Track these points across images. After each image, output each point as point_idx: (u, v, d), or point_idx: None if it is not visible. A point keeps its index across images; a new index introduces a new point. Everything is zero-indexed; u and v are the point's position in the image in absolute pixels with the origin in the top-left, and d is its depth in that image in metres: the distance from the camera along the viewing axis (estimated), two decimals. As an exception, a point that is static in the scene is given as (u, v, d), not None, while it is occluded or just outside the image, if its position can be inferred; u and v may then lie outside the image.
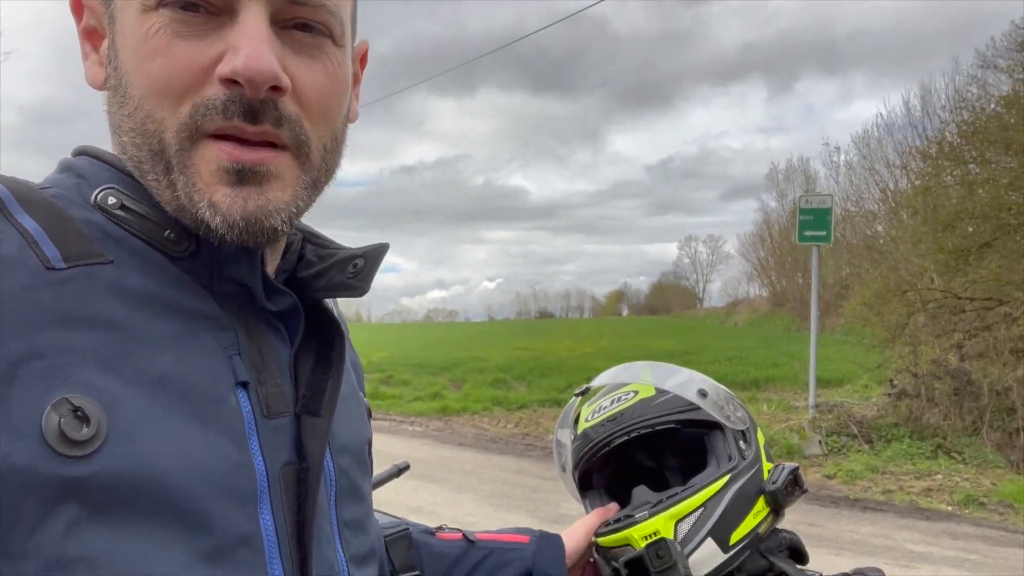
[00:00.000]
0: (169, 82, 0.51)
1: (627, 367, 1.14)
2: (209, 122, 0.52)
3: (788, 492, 1.03)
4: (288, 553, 0.54)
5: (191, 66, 0.51)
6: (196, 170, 0.52)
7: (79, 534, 0.44)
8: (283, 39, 0.54)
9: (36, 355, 0.45)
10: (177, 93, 0.51)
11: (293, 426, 0.58)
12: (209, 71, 0.51)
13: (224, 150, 0.52)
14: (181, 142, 0.52)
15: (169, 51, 0.51)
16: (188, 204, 0.53)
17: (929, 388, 7.90)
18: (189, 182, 0.52)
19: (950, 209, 8.51)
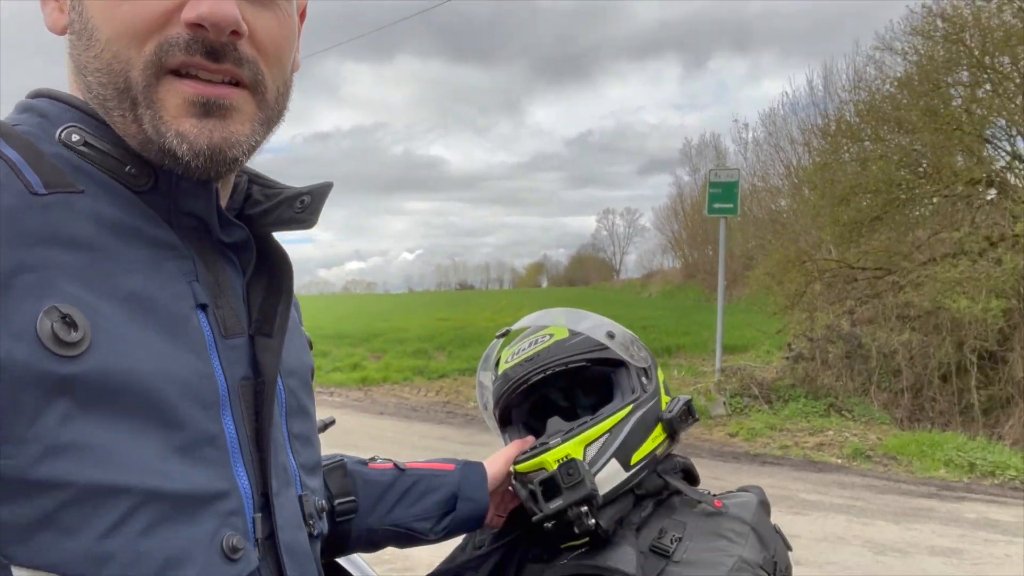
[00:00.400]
0: (135, 24, 0.56)
1: (544, 313, 1.25)
2: (172, 58, 0.56)
3: (682, 420, 1.16)
4: (248, 454, 0.61)
5: (156, 9, 0.56)
6: (162, 104, 0.57)
7: (71, 425, 0.49)
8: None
9: (27, 269, 0.49)
10: (143, 34, 0.56)
11: (248, 346, 0.64)
12: (173, 15, 0.56)
13: (190, 85, 0.57)
14: (147, 79, 0.56)
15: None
16: (155, 135, 0.57)
17: (823, 352, 8.47)
18: (156, 115, 0.57)
19: (846, 184, 9.04)
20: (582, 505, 1.02)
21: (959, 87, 8.80)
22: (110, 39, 0.57)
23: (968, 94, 8.69)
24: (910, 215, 9.06)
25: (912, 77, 8.93)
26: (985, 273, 7.22)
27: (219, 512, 0.57)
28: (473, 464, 1.11)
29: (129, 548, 0.51)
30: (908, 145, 8.88)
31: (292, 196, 0.70)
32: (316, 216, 0.69)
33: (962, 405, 7.75)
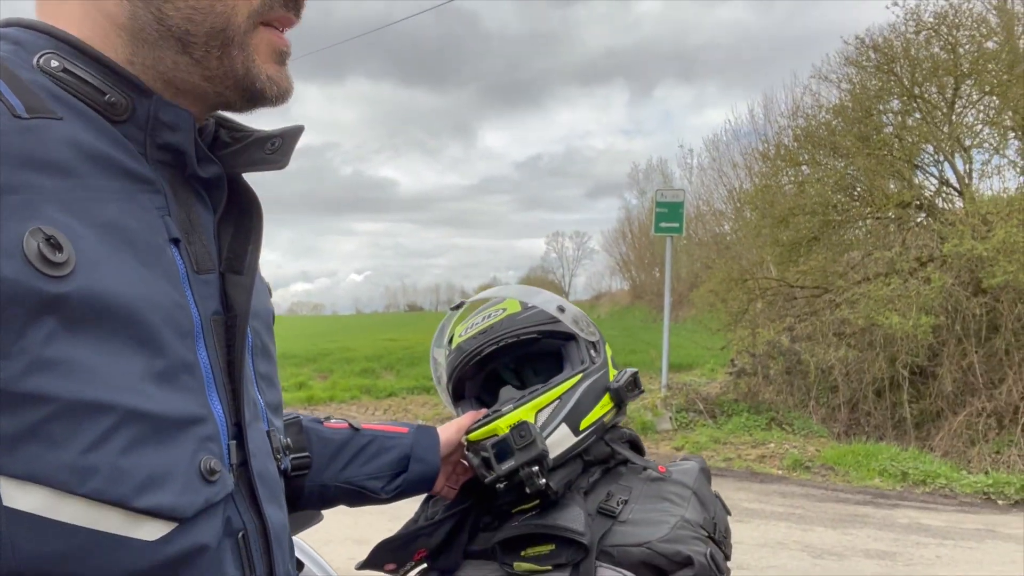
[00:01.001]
0: None
1: (497, 289, 1.30)
2: (273, 12, 0.65)
3: (629, 390, 1.22)
4: (222, 385, 0.63)
5: None
6: (256, 48, 0.64)
7: (56, 342, 0.50)
8: None
9: (11, 189, 0.50)
10: None
11: (219, 283, 0.66)
12: None
13: (277, 36, 0.66)
14: (248, 26, 0.63)
15: None
16: (244, 74, 0.64)
17: (765, 367, 8.70)
18: (249, 57, 0.64)
19: (785, 206, 9.37)
20: (533, 465, 1.06)
21: (890, 115, 9.25)
22: None
23: (899, 122, 9.13)
24: (845, 236, 9.42)
25: (846, 105, 9.34)
26: (915, 291, 7.55)
27: (197, 436, 0.58)
28: (426, 428, 1.14)
29: (112, 463, 0.52)
30: (843, 169, 9.26)
31: (263, 138, 0.71)
32: (287, 158, 0.71)
33: (895, 419, 8.05)
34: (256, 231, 0.70)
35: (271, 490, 0.69)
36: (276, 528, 0.68)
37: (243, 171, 0.71)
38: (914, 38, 8.77)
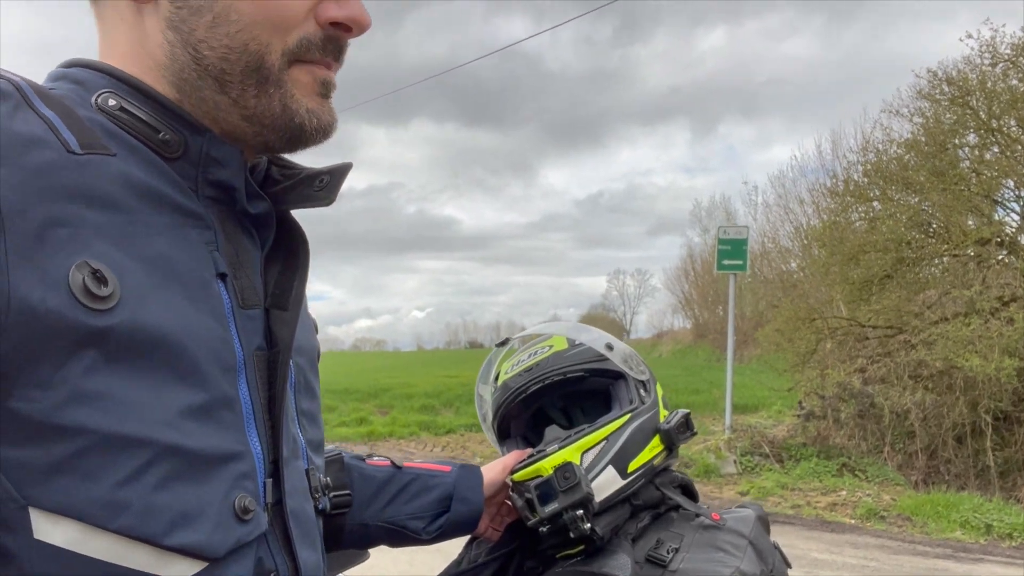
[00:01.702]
0: (284, 16, 0.62)
1: (545, 325, 1.28)
2: (308, 53, 0.64)
3: (680, 432, 1.17)
4: (261, 421, 0.62)
5: (301, 7, 0.63)
6: (295, 82, 0.64)
7: (96, 375, 0.50)
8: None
9: (61, 223, 0.51)
10: (288, 26, 0.63)
11: (263, 318, 0.66)
12: (310, 12, 0.63)
13: (320, 70, 0.66)
14: (283, 64, 0.63)
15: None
16: (282, 111, 0.64)
17: (835, 410, 8.35)
18: (287, 93, 0.64)
19: (855, 243, 9.07)
20: (578, 509, 1.02)
21: (966, 149, 8.91)
22: (254, 23, 0.62)
23: (976, 156, 8.79)
24: (920, 274, 9.05)
25: (919, 139, 9.05)
26: (997, 332, 7.17)
27: (232, 473, 0.58)
28: (470, 467, 1.11)
29: (144, 499, 0.52)
30: (916, 205, 8.94)
31: (312, 175, 0.72)
32: (334, 194, 0.72)
33: (978, 467, 7.59)
34: (303, 268, 0.71)
35: (306, 531, 0.67)
36: (308, 570, 0.66)
37: (292, 208, 0.72)
38: (990, 70, 8.47)
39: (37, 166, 0.51)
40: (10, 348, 0.48)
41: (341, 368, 26.98)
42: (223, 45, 0.62)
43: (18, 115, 0.53)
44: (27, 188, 0.50)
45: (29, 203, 0.50)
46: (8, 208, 0.49)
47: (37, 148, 0.52)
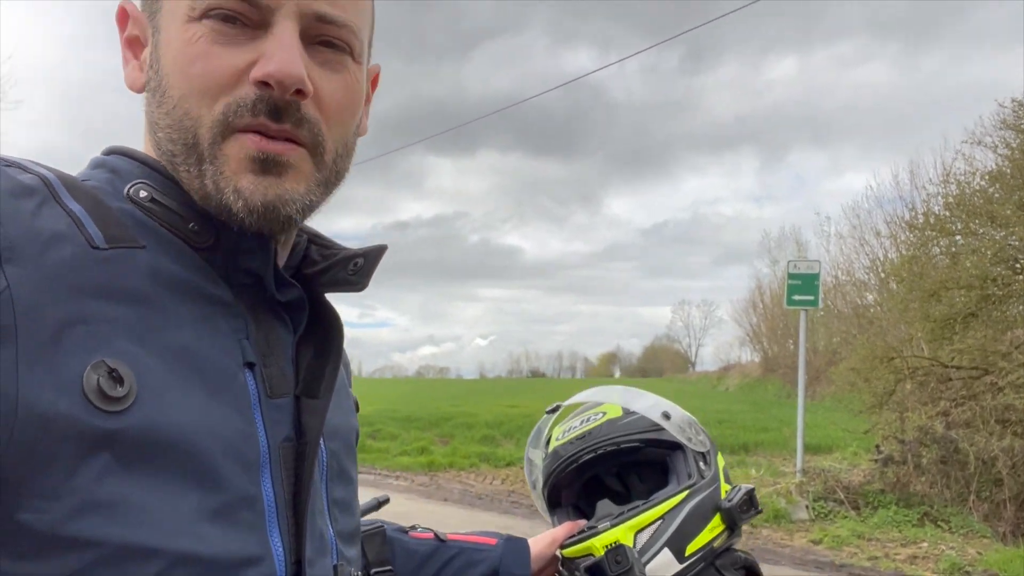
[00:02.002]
0: (207, 83, 0.58)
1: (598, 390, 1.21)
2: (239, 118, 0.58)
3: (743, 510, 1.08)
4: (284, 519, 0.59)
5: (227, 69, 0.58)
6: (225, 159, 0.59)
7: (109, 481, 0.49)
8: (310, 53, 0.61)
9: (80, 321, 0.50)
10: (213, 93, 0.58)
11: (293, 407, 0.64)
12: (242, 75, 0.58)
13: (251, 140, 0.58)
14: (214, 136, 0.58)
15: (208, 56, 0.58)
16: (214, 191, 0.59)
17: (916, 455, 7.91)
18: (218, 171, 0.58)
19: (936, 279, 8.66)
20: None
21: (1056, 181, 8.42)
22: (183, 97, 0.59)
23: (1066, 188, 8.30)
24: (1008, 312, 8.54)
25: (1004, 171, 8.61)
26: (1096, 376, 6.68)
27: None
28: (516, 540, 1.06)
29: None
30: (1002, 240, 8.47)
31: (346, 257, 0.69)
32: (367, 279, 0.69)
33: (1076, 522, 7.04)
34: (335, 353, 0.68)
35: None
36: None
37: (325, 291, 0.70)
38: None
39: (57, 264, 0.51)
40: (18, 457, 0.47)
41: (404, 395, 27.24)
42: (166, 124, 0.61)
43: (43, 211, 0.53)
44: (45, 287, 0.50)
45: (46, 303, 0.49)
46: (22, 310, 0.48)
47: (59, 245, 0.52)
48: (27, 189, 0.53)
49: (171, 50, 0.60)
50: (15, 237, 0.50)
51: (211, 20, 0.58)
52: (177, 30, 0.59)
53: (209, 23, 0.58)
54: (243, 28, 0.59)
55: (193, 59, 0.58)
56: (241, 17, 0.59)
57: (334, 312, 0.70)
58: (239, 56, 0.58)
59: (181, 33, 0.59)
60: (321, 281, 0.69)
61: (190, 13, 0.59)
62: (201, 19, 0.58)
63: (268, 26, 0.59)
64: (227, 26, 0.58)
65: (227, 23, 0.58)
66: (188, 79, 0.59)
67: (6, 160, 0.55)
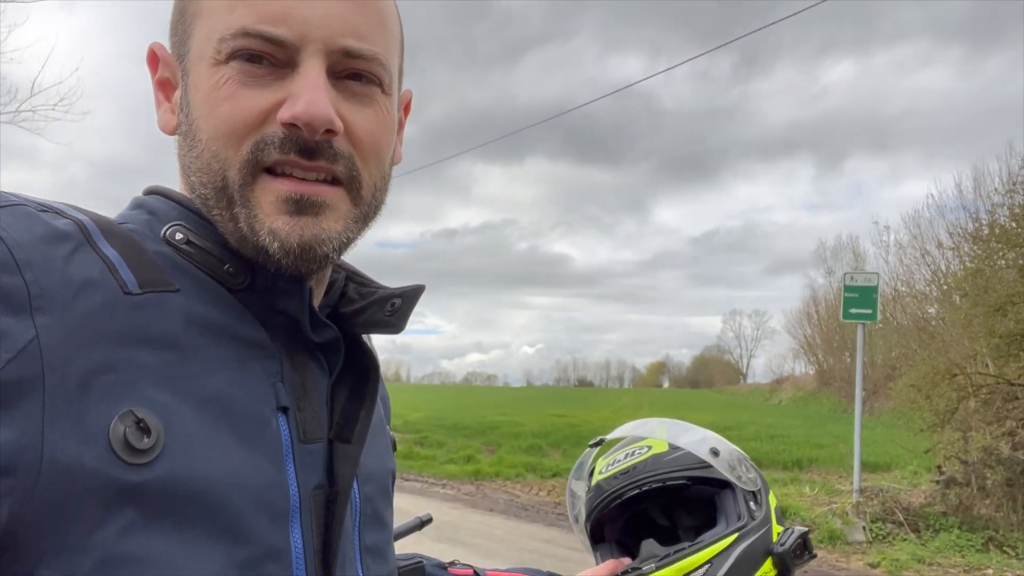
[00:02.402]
0: (234, 124, 0.58)
1: (643, 423, 1.17)
2: (267, 156, 0.58)
3: (796, 555, 1.03)
4: (313, 570, 0.58)
5: (254, 109, 0.58)
6: (257, 202, 0.58)
7: (133, 536, 0.48)
8: (338, 88, 0.60)
9: (109, 369, 0.50)
10: (240, 134, 0.58)
11: (326, 452, 0.62)
12: (270, 114, 0.58)
13: (284, 183, 0.58)
14: (243, 177, 0.58)
15: (235, 97, 0.58)
16: (249, 233, 0.58)
17: (980, 477, 7.56)
18: (251, 214, 0.58)
19: (1002, 293, 8.28)
20: None
21: None
22: (210, 139, 0.59)
23: None
24: (1081, 329, 8.11)
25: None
26: None
27: None
28: None
29: None
30: (1075, 252, 8.07)
31: (384, 297, 0.68)
32: (404, 321, 0.68)
33: None
34: (371, 396, 0.67)
35: None
36: None
37: (361, 332, 0.69)
38: None
39: (88, 311, 0.51)
40: (42, 510, 0.46)
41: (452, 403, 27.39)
42: (197, 168, 0.60)
43: (76, 257, 0.52)
44: (75, 336, 0.49)
45: (75, 352, 0.49)
46: (50, 360, 0.48)
47: (90, 292, 0.51)
48: (62, 235, 0.53)
49: (199, 93, 0.60)
50: (46, 285, 0.50)
51: (237, 62, 0.58)
52: (204, 73, 0.59)
53: (236, 64, 0.58)
54: (270, 68, 0.58)
55: (220, 101, 0.58)
56: (268, 57, 0.58)
57: (371, 354, 0.69)
58: (265, 96, 0.58)
59: (209, 76, 0.59)
60: (358, 322, 0.68)
61: (216, 56, 0.58)
62: (228, 61, 0.58)
63: (295, 65, 0.58)
64: (253, 67, 0.58)
65: (253, 63, 0.58)
66: (215, 121, 0.58)
67: (43, 205, 0.55)
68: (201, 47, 0.60)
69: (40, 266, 0.50)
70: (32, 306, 0.48)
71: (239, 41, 0.57)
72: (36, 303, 0.49)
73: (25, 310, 0.48)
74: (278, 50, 0.58)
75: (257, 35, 0.57)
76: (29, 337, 0.47)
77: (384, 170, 0.66)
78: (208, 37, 0.59)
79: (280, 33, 0.57)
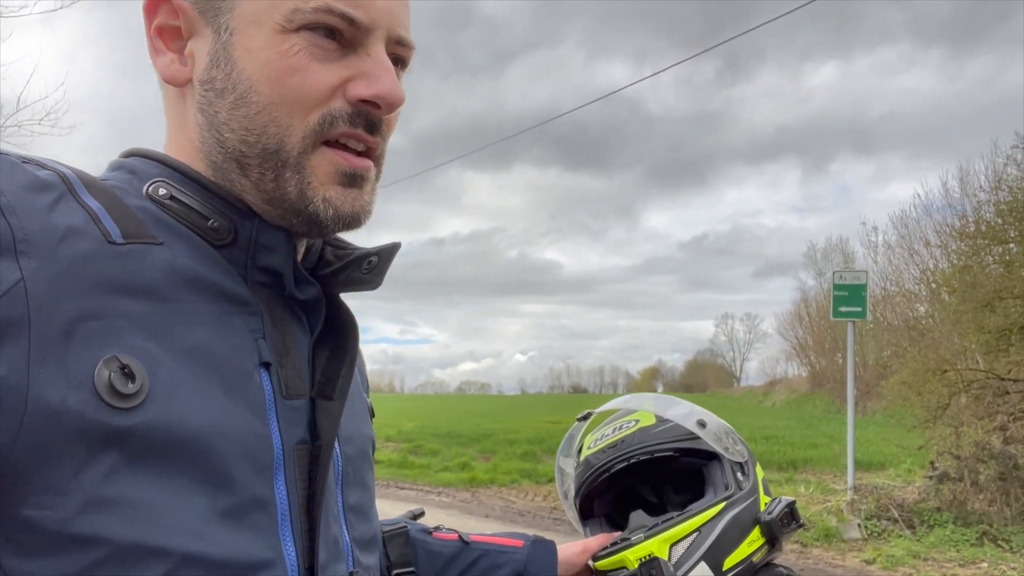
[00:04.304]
0: (303, 96, 0.60)
1: (631, 397, 1.18)
2: (335, 129, 0.61)
3: (783, 524, 1.04)
4: (298, 522, 0.58)
5: (325, 84, 0.60)
6: (313, 171, 0.61)
7: (117, 479, 0.48)
8: None
9: (94, 316, 0.50)
10: (309, 106, 0.60)
11: (308, 408, 0.63)
12: (337, 90, 0.61)
13: (343, 156, 0.62)
14: (304, 146, 0.61)
15: (307, 70, 0.60)
16: (298, 198, 0.61)
17: (973, 472, 7.60)
18: (304, 180, 0.61)
19: (989, 288, 8.35)
20: None
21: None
22: (272, 104, 0.60)
23: None
24: (1069, 322, 8.18)
25: (1060, 175, 8.30)
26: None
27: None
28: (544, 542, 1.04)
29: None
30: (1060, 247, 8.15)
31: (360, 256, 0.69)
32: (381, 277, 0.70)
33: None
34: (351, 354, 0.68)
35: None
36: None
37: (340, 291, 0.70)
38: None
39: (73, 258, 0.51)
40: (27, 450, 0.47)
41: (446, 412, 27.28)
42: (243, 127, 0.61)
43: (59, 206, 0.53)
44: (60, 281, 0.50)
45: (61, 297, 0.49)
46: (36, 303, 0.48)
47: (75, 239, 0.52)
48: (44, 184, 0.53)
49: (260, 57, 0.60)
50: (31, 230, 0.50)
51: (310, 33, 0.60)
52: (268, 38, 0.60)
53: (308, 36, 0.60)
54: (339, 45, 0.61)
55: (291, 71, 0.60)
56: (340, 34, 0.61)
57: (350, 314, 0.70)
58: (335, 73, 0.61)
59: (275, 43, 0.60)
60: (336, 281, 0.69)
61: (286, 24, 0.60)
62: (299, 30, 0.60)
63: (361, 46, 0.62)
64: (326, 40, 0.61)
65: (326, 38, 0.61)
66: (282, 89, 0.60)
67: (24, 157, 0.56)
68: (261, 11, 0.60)
69: (24, 212, 0.50)
70: (17, 250, 0.49)
71: (319, 16, 0.60)
72: (21, 247, 0.49)
73: (11, 253, 0.49)
74: (351, 30, 0.61)
75: (339, 14, 0.60)
76: (15, 279, 0.48)
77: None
78: (273, 4, 0.60)
79: (358, 15, 0.61)
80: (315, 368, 0.66)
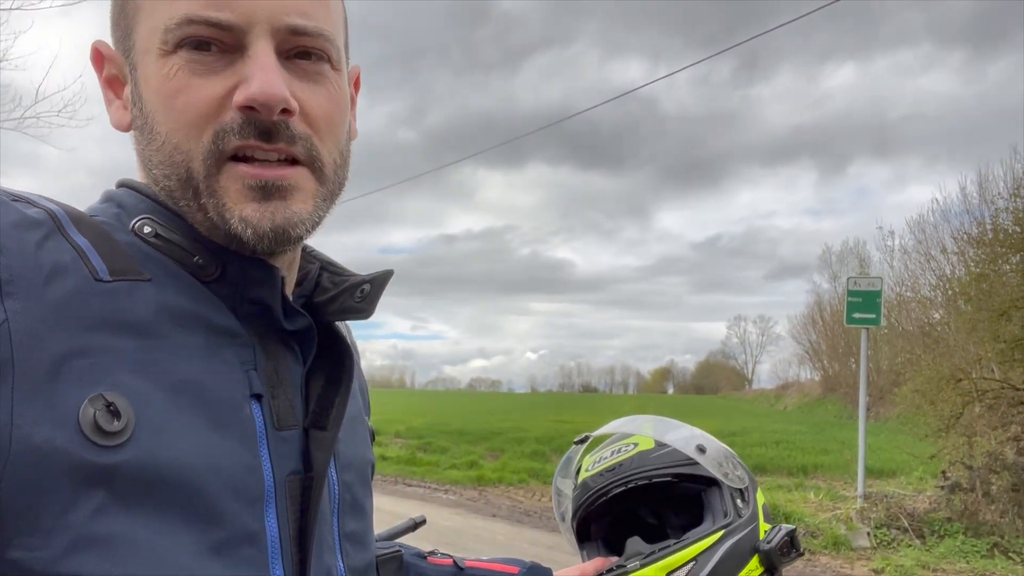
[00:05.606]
0: (191, 115, 0.57)
1: (630, 419, 1.17)
2: (228, 143, 0.57)
3: (783, 553, 1.02)
4: (289, 555, 0.58)
5: (210, 99, 0.57)
6: (224, 191, 0.58)
7: (104, 517, 0.48)
8: (288, 68, 0.60)
9: (80, 354, 0.50)
10: (199, 125, 0.57)
11: (301, 439, 0.62)
12: (226, 101, 0.57)
13: (247, 169, 0.58)
14: (207, 168, 0.58)
15: (189, 88, 0.57)
16: (220, 222, 0.58)
17: (985, 482, 7.51)
18: (219, 203, 0.58)
19: (1006, 297, 8.25)
20: None
21: None
22: (170, 132, 0.59)
23: None
24: (1086, 333, 8.07)
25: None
26: None
27: None
28: (540, 568, 1.03)
29: None
30: (1080, 256, 8.03)
31: (354, 284, 0.69)
32: (373, 306, 0.69)
33: None
34: (346, 383, 0.67)
35: None
36: None
37: (333, 319, 0.69)
38: None
39: (59, 296, 0.51)
40: (12, 492, 0.46)
41: (455, 409, 27.34)
42: (159, 162, 0.60)
43: (47, 244, 0.53)
44: (46, 320, 0.49)
45: (46, 335, 0.49)
46: (20, 343, 0.48)
47: (61, 277, 0.52)
48: (33, 222, 0.53)
49: (151, 87, 0.59)
50: (17, 269, 0.50)
51: (185, 51, 0.58)
52: (154, 65, 0.59)
53: (184, 54, 0.58)
54: (219, 54, 0.58)
55: (174, 93, 0.58)
56: (215, 43, 0.58)
57: (345, 341, 0.69)
58: (219, 83, 0.58)
59: (158, 68, 0.59)
60: (330, 309, 0.68)
61: (163, 47, 0.58)
62: (176, 51, 0.58)
63: (243, 48, 0.58)
64: (202, 54, 0.58)
65: (201, 51, 0.58)
66: (173, 113, 0.58)
67: (13, 195, 0.56)
68: (146, 40, 0.59)
69: (12, 251, 0.50)
70: (3, 291, 0.49)
71: (184, 29, 0.57)
72: (7, 288, 0.49)
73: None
74: (225, 34, 0.58)
75: (202, 21, 0.57)
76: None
77: (342, 146, 0.66)
78: (152, 29, 0.59)
79: (225, 17, 0.57)
80: (309, 398, 0.65)
